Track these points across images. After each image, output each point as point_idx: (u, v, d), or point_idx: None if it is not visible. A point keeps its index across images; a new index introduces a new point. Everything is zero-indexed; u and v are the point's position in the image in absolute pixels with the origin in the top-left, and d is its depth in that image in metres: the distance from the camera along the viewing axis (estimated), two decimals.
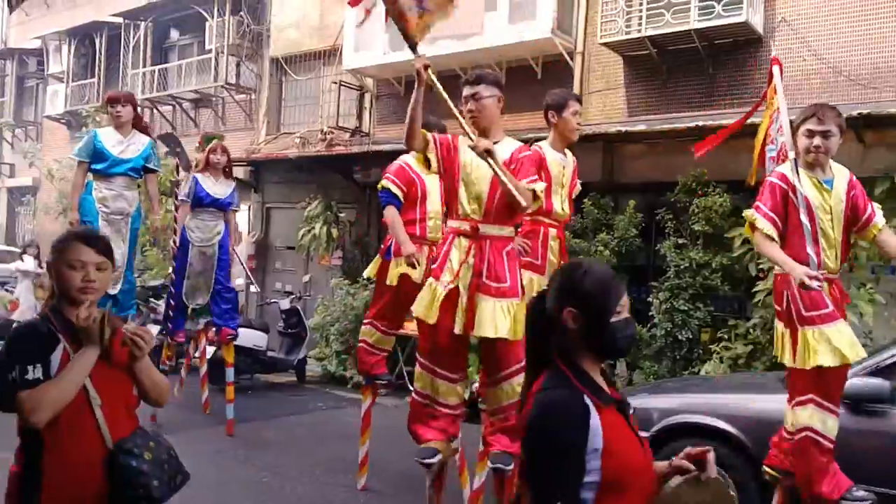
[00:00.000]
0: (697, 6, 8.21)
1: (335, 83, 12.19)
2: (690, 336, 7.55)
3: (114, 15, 16.00)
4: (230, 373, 6.81)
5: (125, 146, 5.69)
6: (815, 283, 3.28)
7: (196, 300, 6.62)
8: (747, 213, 3.78)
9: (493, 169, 3.46)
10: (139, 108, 15.40)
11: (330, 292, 10.51)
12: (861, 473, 3.65)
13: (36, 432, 2.12)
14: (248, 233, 13.76)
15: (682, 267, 7.66)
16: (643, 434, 4.52)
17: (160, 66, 15.32)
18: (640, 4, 8.59)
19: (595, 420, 1.81)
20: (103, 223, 5.47)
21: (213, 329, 6.83)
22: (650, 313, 7.90)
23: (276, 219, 13.59)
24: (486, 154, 3.45)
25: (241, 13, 13.63)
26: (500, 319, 3.52)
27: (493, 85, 3.70)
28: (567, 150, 4.54)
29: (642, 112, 9.14)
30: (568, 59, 9.64)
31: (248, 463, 5.90)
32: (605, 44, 9.04)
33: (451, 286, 3.59)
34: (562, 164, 4.47)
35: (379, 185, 4.89)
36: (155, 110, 15.59)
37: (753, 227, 3.70)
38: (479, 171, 3.60)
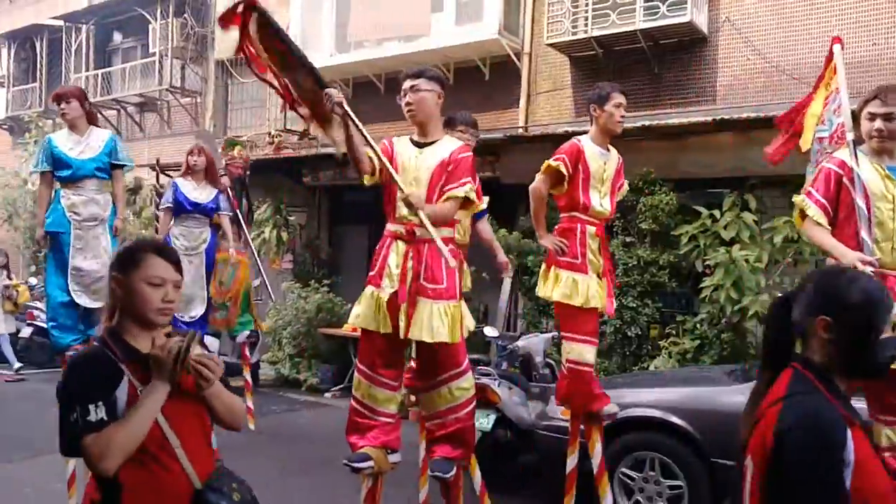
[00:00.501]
0: (643, 7, 8.32)
1: None
2: (639, 332, 7.64)
3: (54, 18, 15.64)
4: None
5: (83, 146, 5.11)
6: (868, 269, 2.95)
7: (190, 312, 6.05)
8: (797, 199, 3.49)
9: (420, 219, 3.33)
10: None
11: (281, 296, 10.39)
12: None
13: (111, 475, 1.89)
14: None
15: (630, 265, 7.75)
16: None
17: (103, 70, 15.02)
18: (586, 5, 8.68)
19: (848, 436, 1.62)
20: (77, 232, 4.99)
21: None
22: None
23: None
24: (411, 208, 3.32)
25: (185, 15, 13.45)
26: (436, 323, 3.37)
27: (434, 80, 3.58)
28: (610, 146, 4.29)
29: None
30: (515, 59, 9.69)
31: None
32: (551, 44, 9.11)
33: (392, 291, 3.45)
34: (602, 159, 4.21)
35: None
36: (99, 115, 15.22)
37: (803, 215, 3.42)
38: (417, 174, 3.49)
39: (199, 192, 6.19)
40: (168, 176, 11.21)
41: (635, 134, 8.30)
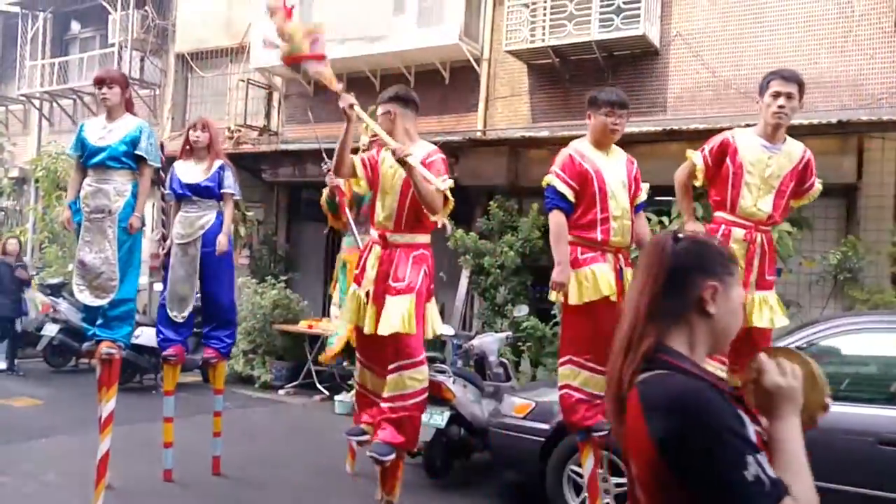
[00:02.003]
0: (598, 18, 8.55)
1: (242, 81, 12.08)
2: None
3: (11, 4, 15.37)
4: (219, 401, 5.78)
5: (107, 132, 4.77)
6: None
7: (183, 311, 5.39)
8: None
9: (412, 173, 3.71)
10: (39, 102, 14.87)
11: (237, 291, 10.43)
12: None
13: None
14: (153, 230, 13.46)
15: None
16: (545, 426, 4.80)
17: (60, 59, 14.79)
18: (544, 15, 8.88)
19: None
20: (86, 223, 4.74)
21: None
22: (552, 312, 8.20)
23: None
24: (402, 161, 3.72)
25: (146, 7, 13.35)
26: (393, 316, 3.78)
27: (389, 102, 4.09)
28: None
29: (546, 118, 9.46)
30: (475, 65, 9.88)
31: (155, 464, 5.83)
32: (510, 52, 9.31)
33: (367, 290, 3.95)
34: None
35: (544, 182, 4.14)
36: (55, 104, 15.06)
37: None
38: (393, 181, 3.91)
39: (195, 172, 5.38)
40: None
41: None
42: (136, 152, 4.78)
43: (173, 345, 5.40)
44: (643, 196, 4.31)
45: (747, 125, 7.25)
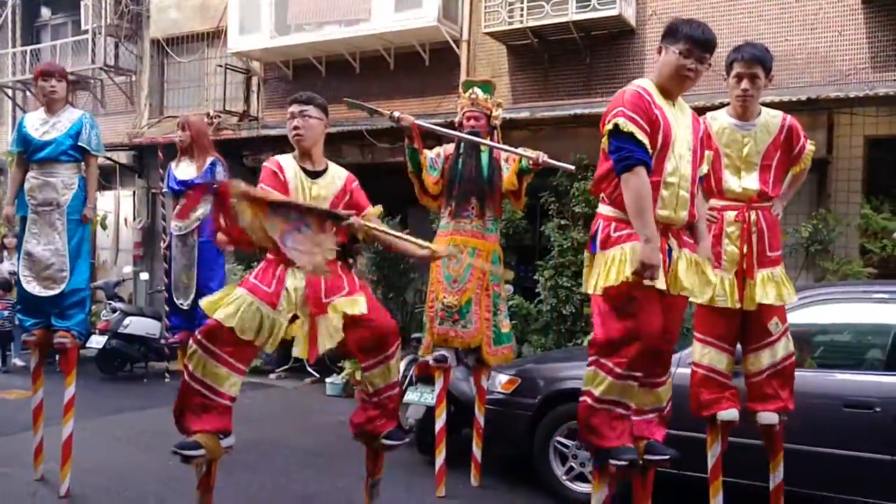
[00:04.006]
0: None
1: (220, 66, 12.07)
2: (574, 310, 8.04)
3: None
4: None
5: (50, 125, 4.86)
6: None
7: (188, 298, 5.63)
8: None
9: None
10: (12, 91, 14.73)
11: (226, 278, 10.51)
12: None
13: None
14: (134, 219, 13.46)
15: (564, 246, 8.14)
16: (531, 401, 4.97)
17: (32, 47, 14.62)
18: None
19: None
20: (33, 216, 4.82)
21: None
22: (537, 290, 8.38)
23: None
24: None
25: None
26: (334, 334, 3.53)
27: (322, 109, 3.77)
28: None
29: (526, 99, 9.58)
30: (454, 46, 9.95)
31: (147, 450, 5.96)
32: (489, 33, 9.40)
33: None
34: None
35: (606, 129, 3.20)
36: (28, 93, 14.91)
37: None
38: (312, 199, 3.67)
39: (187, 170, 5.66)
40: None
41: (569, 121, 8.72)
42: (80, 143, 4.89)
43: (183, 331, 5.61)
44: (706, 167, 3.53)
45: (721, 104, 7.48)
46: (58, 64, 6.47)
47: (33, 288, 4.83)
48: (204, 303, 3.55)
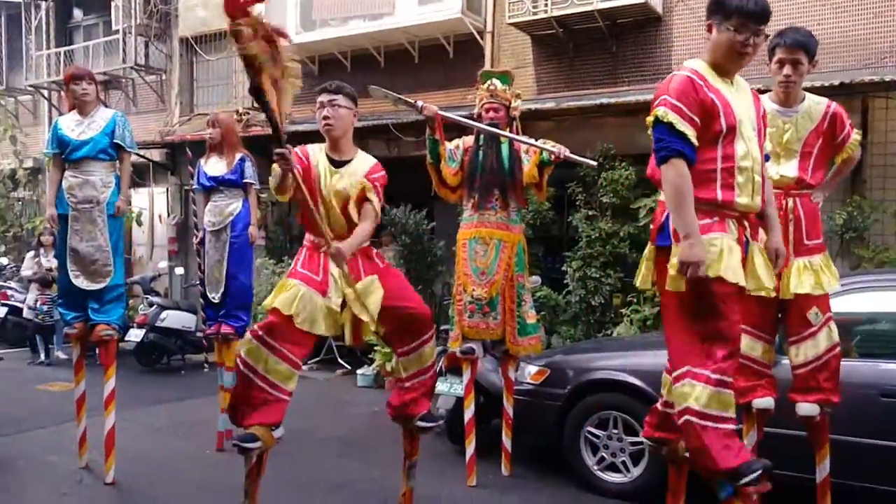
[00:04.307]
0: None
1: None
2: (603, 301, 8.03)
3: None
4: (229, 377, 5.74)
5: (85, 126, 5.02)
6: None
7: (218, 292, 5.82)
8: None
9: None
10: (47, 92, 14.99)
11: (256, 272, 10.64)
12: None
13: None
14: (168, 215, 13.66)
15: (592, 237, 8.12)
16: (560, 391, 4.98)
17: (65, 48, 14.87)
18: None
19: None
20: (73, 213, 4.96)
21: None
22: (565, 281, 8.36)
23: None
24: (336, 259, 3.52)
25: None
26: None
27: (351, 99, 3.77)
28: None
29: (551, 90, 9.55)
30: (478, 38, 9.95)
31: (186, 439, 6.08)
32: (513, 24, 9.37)
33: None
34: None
35: (649, 119, 3.02)
36: (62, 93, 15.18)
37: None
38: (332, 193, 3.70)
39: (217, 166, 5.82)
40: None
41: (595, 111, 8.67)
42: (115, 141, 5.05)
43: (216, 323, 5.84)
44: (769, 145, 3.33)
45: (759, 91, 7.38)
46: (85, 67, 6.62)
47: (82, 283, 4.99)
48: (265, 302, 3.61)
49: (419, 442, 4.04)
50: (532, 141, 4.92)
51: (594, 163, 5.12)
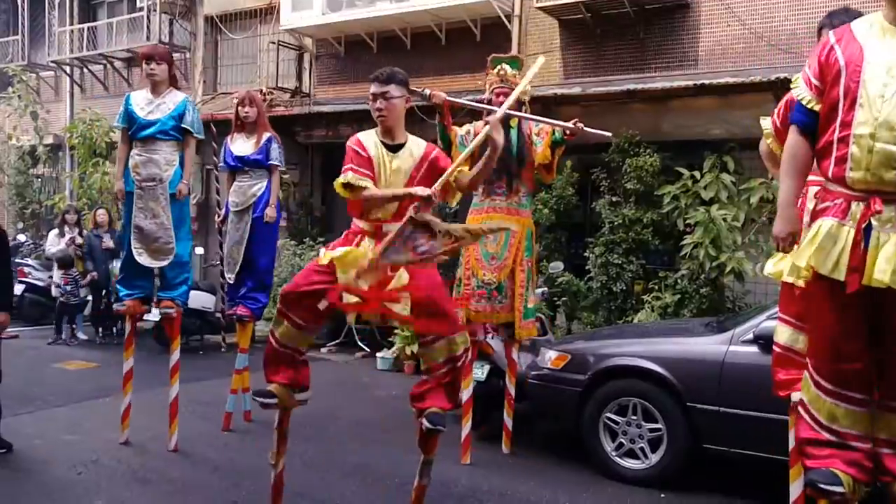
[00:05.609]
0: None
1: (273, 43, 12.17)
2: (624, 288, 8.01)
3: None
4: (242, 359, 5.97)
5: (155, 106, 5.08)
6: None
7: (233, 272, 5.86)
8: None
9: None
10: (69, 69, 15.00)
11: (277, 253, 10.69)
12: None
13: None
14: (193, 196, 13.70)
15: (615, 223, 8.09)
16: (581, 377, 4.97)
17: (89, 24, 14.92)
18: None
19: None
20: (138, 191, 5.04)
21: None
22: (587, 267, 8.34)
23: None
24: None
25: None
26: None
27: (403, 85, 3.70)
28: None
29: (577, 75, 9.47)
30: (506, 21, 9.87)
31: (204, 419, 6.12)
32: (541, 7, 9.31)
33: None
34: None
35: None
36: (86, 69, 15.27)
37: None
38: (391, 177, 3.67)
39: (244, 145, 5.80)
40: None
41: (621, 97, 8.60)
42: (182, 125, 5.11)
43: (235, 305, 5.91)
44: None
45: (777, 78, 7.29)
46: (162, 47, 6.78)
47: (145, 260, 5.12)
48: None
49: (434, 443, 3.80)
50: (545, 119, 4.93)
51: (609, 134, 5.12)
